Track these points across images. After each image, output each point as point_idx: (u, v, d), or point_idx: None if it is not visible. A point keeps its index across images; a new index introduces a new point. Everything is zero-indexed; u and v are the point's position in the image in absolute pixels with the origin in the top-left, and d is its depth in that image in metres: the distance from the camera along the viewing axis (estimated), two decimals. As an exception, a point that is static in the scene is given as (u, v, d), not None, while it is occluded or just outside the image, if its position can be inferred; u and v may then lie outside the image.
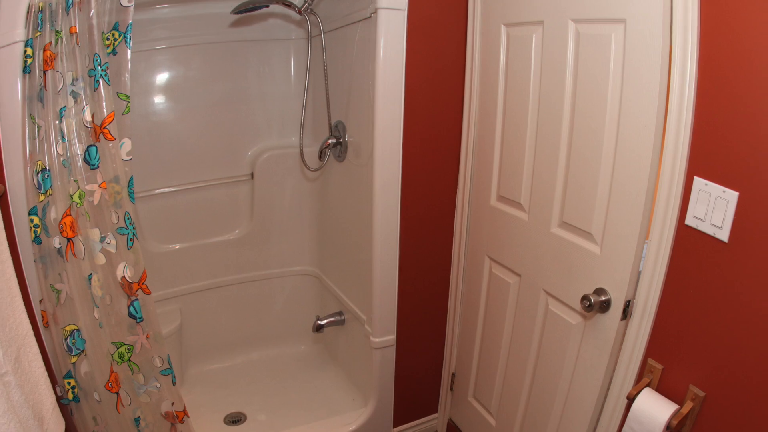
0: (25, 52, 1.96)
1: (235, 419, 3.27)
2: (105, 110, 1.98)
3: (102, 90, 1.97)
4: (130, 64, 2.00)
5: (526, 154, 2.30)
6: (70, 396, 2.23)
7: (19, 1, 1.94)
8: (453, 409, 3.19)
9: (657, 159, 1.74)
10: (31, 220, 2.04)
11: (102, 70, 1.96)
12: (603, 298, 1.96)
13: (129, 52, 1.98)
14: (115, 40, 1.97)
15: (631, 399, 1.85)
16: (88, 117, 1.99)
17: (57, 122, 1.97)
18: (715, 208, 1.57)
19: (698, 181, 1.61)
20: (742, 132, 1.48)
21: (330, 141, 3.11)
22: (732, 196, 1.52)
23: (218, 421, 3.25)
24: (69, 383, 2.21)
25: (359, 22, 2.66)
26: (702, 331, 1.68)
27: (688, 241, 1.67)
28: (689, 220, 1.65)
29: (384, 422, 3.11)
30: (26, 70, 1.97)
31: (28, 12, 1.95)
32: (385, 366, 2.97)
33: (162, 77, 3.22)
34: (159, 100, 3.25)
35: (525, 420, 2.56)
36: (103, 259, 2.10)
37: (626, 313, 1.92)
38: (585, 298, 1.97)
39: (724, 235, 1.56)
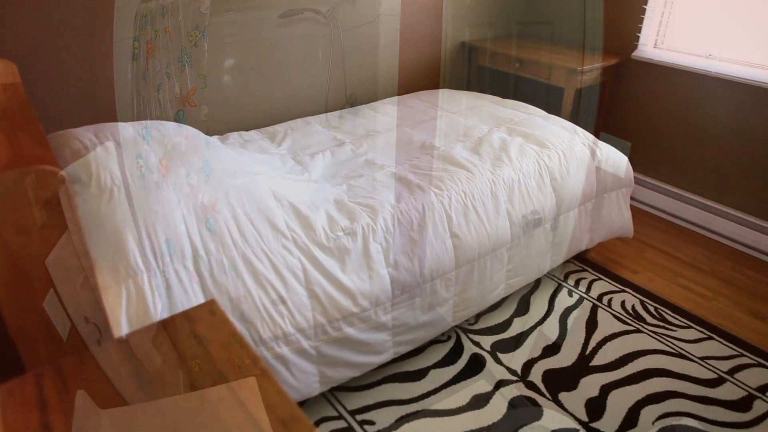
0: (133, 44, 1.99)
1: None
2: (189, 85, 2.03)
3: (187, 71, 2.01)
4: (206, 53, 2.04)
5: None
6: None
7: (130, 9, 1.97)
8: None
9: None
10: (137, 162, 2.10)
11: (187, 57, 2.00)
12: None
13: (206, 45, 2.02)
14: (197, 36, 2.00)
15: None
16: (177, 90, 2.02)
17: (156, 94, 2.00)
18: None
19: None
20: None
21: (346, 106, 3.18)
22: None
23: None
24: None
25: (367, 24, 2.68)
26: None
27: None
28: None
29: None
30: (134, 57, 1.99)
31: (135, 17, 1.96)
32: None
33: (229, 62, 3.20)
34: (227, 78, 3.26)
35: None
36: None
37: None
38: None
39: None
